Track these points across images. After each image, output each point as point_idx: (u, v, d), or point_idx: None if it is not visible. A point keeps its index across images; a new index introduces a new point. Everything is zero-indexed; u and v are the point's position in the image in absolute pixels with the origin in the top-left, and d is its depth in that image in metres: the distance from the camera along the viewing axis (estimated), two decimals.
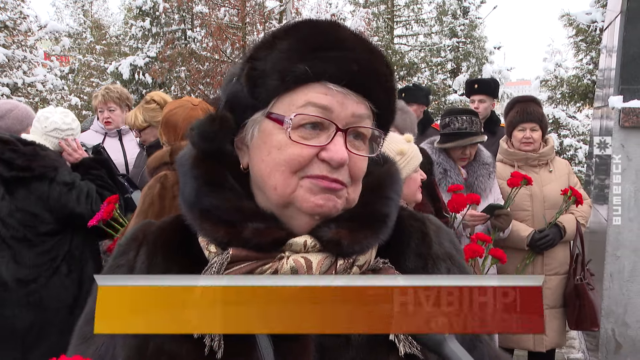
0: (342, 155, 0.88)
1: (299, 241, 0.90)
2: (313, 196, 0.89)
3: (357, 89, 0.90)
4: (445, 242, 1.07)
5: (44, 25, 14.23)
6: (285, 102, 0.90)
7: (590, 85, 11.36)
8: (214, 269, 0.88)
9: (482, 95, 5.13)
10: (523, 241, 3.65)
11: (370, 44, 0.96)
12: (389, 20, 20.20)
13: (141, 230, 1.02)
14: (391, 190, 0.99)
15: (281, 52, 0.90)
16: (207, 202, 0.92)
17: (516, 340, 3.79)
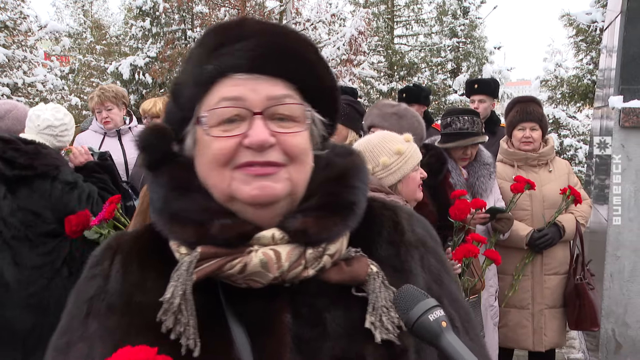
0: (260, 137, 0.88)
1: (266, 234, 0.90)
2: (247, 186, 0.89)
3: (267, 71, 0.90)
4: (418, 229, 1.07)
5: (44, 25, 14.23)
6: (204, 105, 0.92)
7: (590, 85, 11.35)
8: (184, 267, 0.89)
9: (482, 95, 5.13)
10: (522, 240, 3.65)
11: (278, 27, 0.96)
12: (389, 20, 20.20)
13: (115, 240, 1.03)
14: (356, 179, 1.00)
15: (193, 60, 0.95)
16: (175, 206, 0.93)
17: (516, 340, 3.79)
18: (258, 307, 0.91)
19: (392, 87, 18.10)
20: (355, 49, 15.40)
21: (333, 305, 0.93)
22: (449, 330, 0.87)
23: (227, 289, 0.92)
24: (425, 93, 5.55)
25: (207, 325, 0.89)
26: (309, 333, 0.91)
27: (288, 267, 0.89)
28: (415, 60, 19.59)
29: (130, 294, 0.94)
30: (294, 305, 0.92)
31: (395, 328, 0.91)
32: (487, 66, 16.72)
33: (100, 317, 0.94)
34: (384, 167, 2.35)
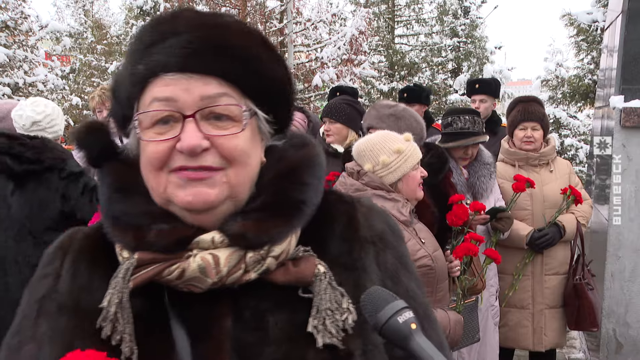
0: (189, 142, 0.85)
1: (206, 238, 0.88)
2: (182, 191, 0.87)
3: (202, 69, 0.86)
4: (378, 223, 1.02)
5: (45, 25, 14.25)
6: (140, 106, 0.89)
7: (591, 85, 11.35)
8: (120, 275, 0.87)
9: (483, 95, 5.13)
10: (522, 240, 3.65)
11: (215, 20, 0.90)
12: (390, 20, 20.19)
13: (68, 238, 1.00)
14: (308, 174, 0.95)
15: (127, 58, 0.91)
16: (117, 208, 0.92)
17: (516, 340, 3.79)
18: (200, 311, 0.89)
19: (392, 86, 18.09)
20: (356, 49, 15.40)
21: (277, 308, 0.90)
22: (418, 332, 0.85)
23: (173, 292, 0.90)
24: (426, 93, 5.55)
25: (149, 330, 0.88)
26: (249, 337, 0.89)
27: (227, 272, 0.87)
28: (416, 60, 19.57)
29: (78, 295, 0.93)
30: (236, 308, 0.90)
31: (339, 332, 0.88)
32: (488, 66, 16.71)
33: (50, 317, 0.92)
34: (384, 166, 2.37)
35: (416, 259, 2.28)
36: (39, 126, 3.13)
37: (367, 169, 2.38)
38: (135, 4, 17.17)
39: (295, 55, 15.79)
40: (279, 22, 16.00)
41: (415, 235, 2.36)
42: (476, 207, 3.03)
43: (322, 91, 14.96)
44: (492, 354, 3.49)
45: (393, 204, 2.32)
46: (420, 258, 2.31)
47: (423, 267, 2.30)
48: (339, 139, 3.91)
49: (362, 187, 2.36)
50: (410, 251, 2.20)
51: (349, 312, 0.90)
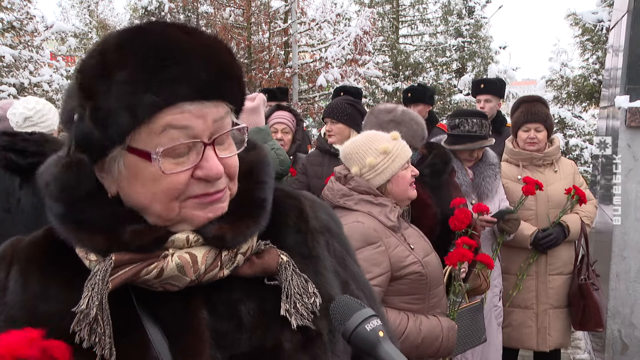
0: (217, 170, 0.88)
1: (181, 237, 0.90)
2: (202, 212, 0.90)
3: (212, 96, 0.87)
4: (322, 214, 1.10)
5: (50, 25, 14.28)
6: (142, 133, 0.85)
7: (596, 85, 11.31)
8: (99, 277, 0.86)
9: (488, 95, 5.12)
10: (526, 240, 3.64)
11: (206, 38, 0.90)
12: (394, 20, 20.17)
13: (10, 248, 0.97)
14: (264, 174, 1.01)
15: (123, 84, 0.83)
16: (79, 213, 0.89)
17: (520, 340, 3.78)
18: (174, 307, 0.91)
19: (397, 86, 18.06)
20: (360, 49, 15.37)
21: (247, 298, 0.95)
22: (386, 340, 0.87)
23: (140, 291, 0.90)
24: (430, 93, 5.54)
25: (122, 331, 0.88)
26: (225, 327, 0.92)
27: (204, 269, 0.90)
28: (420, 60, 19.54)
29: (33, 305, 0.91)
30: (209, 302, 0.93)
31: (309, 313, 0.95)
32: (493, 66, 16.67)
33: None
34: (371, 168, 2.29)
35: (405, 265, 2.22)
36: (31, 121, 3.22)
37: (354, 172, 2.32)
38: (140, 4, 17.22)
39: (300, 55, 15.78)
40: (283, 22, 16.00)
41: (404, 241, 2.28)
42: (480, 209, 3.01)
43: (327, 91, 14.95)
44: (495, 354, 3.48)
45: (380, 209, 2.25)
46: (410, 264, 2.23)
47: (413, 274, 2.23)
48: (341, 139, 3.90)
49: (349, 192, 2.29)
50: (399, 257, 2.21)
51: (316, 296, 0.97)
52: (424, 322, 2.24)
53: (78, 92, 0.87)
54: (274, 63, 15.15)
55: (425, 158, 2.98)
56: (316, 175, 3.93)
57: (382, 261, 2.18)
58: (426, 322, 2.24)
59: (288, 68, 15.00)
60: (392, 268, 2.20)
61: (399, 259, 2.21)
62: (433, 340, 2.23)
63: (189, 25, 0.92)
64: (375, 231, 2.20)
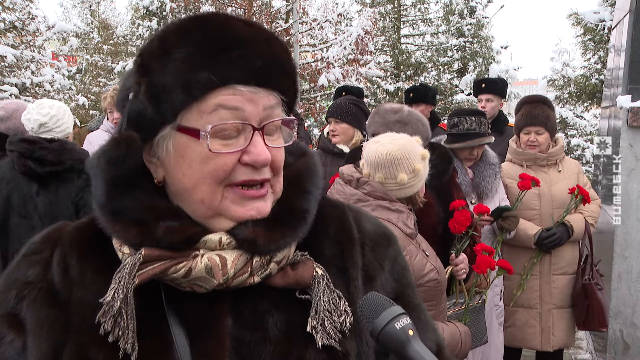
0: (265, 156, 0.87)
1: (213, 238, 0.88)
2: (242, 207, 0.88)
3: (264, 84, 0.88)
4: (367, 225, 1.06)
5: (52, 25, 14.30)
6: (193, 111, 0.86)
7: (598, 85, 11.31)
8: (126, 270, 0.86)
9: (490, 94, 5.12)
10: (530, 240, 3.64)
11: (266, 32, 0.92)
12: (396, 20, 20.16)
13: (56, 231, 0.98)
14: (310, 184, 0.97)
15: (179, 62, 0.85)
16: (118, 203, 0.89)
17: (523, 340, 3.78)
18: (200, 310, 0.90)
19: (398, 86, 18.07)
20: (362, 49, 15.39)
21: (275, 309, 0.92)
22: (415, 339, 0.85)
23: (169, 290, 0.89)
24: (432, 93, 5.54)
25: (147, 328, 0.87)
26: (249, 337, 0.89)
27: (233, 274, 0.87)
28: (421, 59, 19.55)
29: (70, 288, 0.91)
30: (236, 308, 0.91)
31: (337, 333, 0.90)
32: (494, 66, 16.67)
33: (36, 308, 0.91)
34: (416, 174, 2.25)
35: (424, 273, 2.19)
36: (46, 127, 3.22)
37: (377, 178, 2.25)
38: (142, 4, 17.24)
39: (301, 55, 15.79)
40: (284, 22, 16.02)
41: (419, 248, 2.26)
42: (480, 210, 3.01)
43: (328, 91, 14.96)
44: (496, 353, 3.48)
45: (397, 215, 2.21)
46: (428, 272, 2.20)
47: (431, 281, 2.20)
48: (345, 139, 3.91)
49: (364, 197, 2.23)
50: (419, 267, 2.19)
51: (347, 315, 0.92)
52: (446, 329, 2.22)
53: (135, 71, 0.90)
54: None
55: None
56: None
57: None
58: (447, 330, 2.23)
59: None
60: (415, 277, 2.17)
61: (419, 268, 2.18)
62: (454, 347, 2.22)
63: (250, 19, 0.95)
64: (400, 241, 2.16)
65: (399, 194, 2.26)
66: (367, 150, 2.33)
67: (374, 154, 2.27)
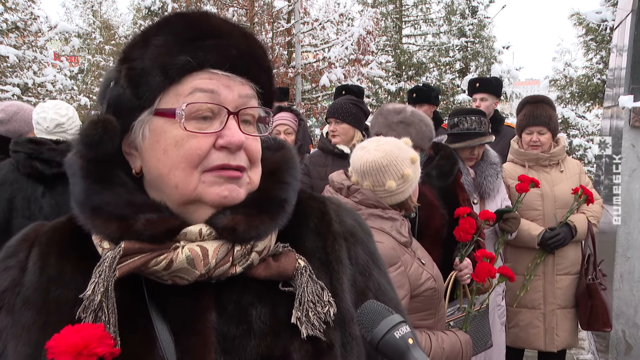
0: (239, 138, 0.88)
1: (193, 229, 0.88)
2: (218, 187, 0.89)
3: (240, 72, 0.91)
4: (348, 219, 1.06)
5: (54, 25, 14.33)
6: (171, 95, 0.89)
7: (599, 85, 11.29)
8: (106, 264, 0.85)
9: (484, 93, 5.11)
10: (534, 240, 3.63)
11: (243, 29, 0.96)
12: (398, 20, 20.16)
13: (33, 231, 0.98)
14: (288, 175, 0.99)
15: (158, 47, 0.89)
16: (97, 199, 0.89)
17: (527, 340, 3.77)
18: (183, 304, 0.89)
19: (400, 86, 18.06)
20: (364, 49, 15.38)
21: (259, 302, 0.92)
22: (415, 348, 0.84)
23: (151, 285, 0.89)
24: (435, 93, 5.54)
25: (129, 323, 0.87)
26: (234, 331, 0.89)
27: (215, 264, 0.87)
28: (423, 60, 19.54)
29: (47, 288, 0.90)
30: (220, 302, 0.90)
31: (321, 323, 0.91)
32: (496, 66, 16.65)
33: (14, 312, 0.90)
34: (388, 191, 2.17)
35: (421, 282, 2.13)
36: (62, 128, 3.24)
37: (365, 186, 2.17)
38: (143, 5, 17.24)
39: (303, 55, 15.79)
40: (286, 22, 16.01)
41: (414, 257, 2.18)
42: (486, 216, 2.99)
43: (330, 91, 14.95)
44: (498, 353, 3.47)
45: (391, 223, 2.14)
46: (425, 281, 2.14)
47: (428, 290, 2.14)
48: (346, 140, 3.90)
49: (356, 206, 2.14)
50: (416, 276, 2.15)
51: (330, 305, 0.93)
52: (445, 339, 2.18)
53: (117, 62, 0.94)
54: (277, 63, 15.16)
55: (432, 159, 2.96)
56: (319, 176, 3.91)
57: (404, 283, 2.07)
58: (447, 340, 2.19)
59: (291, 68, 15.01)
60: (411, 287, 2.11)
61: (416, 278, 2.13)
62: (455, 356, 2.18)
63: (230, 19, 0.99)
64: (394, 250, 2.09)
65: (389, 200, 2.18)
66: (353, 157, 2.25)
67: (360, 162, 2.19)
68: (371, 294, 1.01)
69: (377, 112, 2.95)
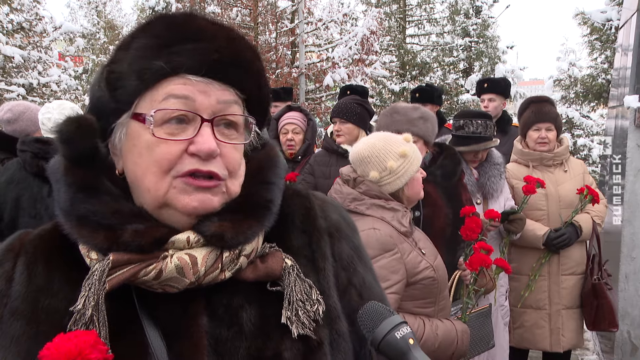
0: (209, 145, 0.86)
1: (181, 238, 0.87)
2: (187, 197, 0.87)
3: (220, 77, 0.88)
4: (333, 215, 1.06)
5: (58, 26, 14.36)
6: (147, 100, 0.88)
7: (604, 85, 11.26)
8: (96, 277, 0.84)
9: (492, 94, 5.10)
10: (539, 240, 3.62)
11: (230, 31, 0.93)
12: (401, 20, 20.15)
13: (18, 240, 0.96)
14: (272, 174, 0.98)
15: (137, 51, 0.88)
16: (83, 208, 0.87)
17: (532, 341, 3.75)
18: (174, 310, 0.89)
19: (404, 86, 18.05)
20: (367, 49, 15.38)
21: (248, 304, 0.92)
22: (416, 348, 0.85)
23: (141, 292, 0.89)
24: (438, 93, 5.53)
25: (121, 332, 0.86)
26: (225, 333, 0.89)
27: (205, 271, 0.87)
28: (427, 59, 19.52)
29: (36, 297, 0.89)
30: (210, 306, 0.90)
31: (311, 322, 0.91)
32: (500, 66, 16.61)
33: (1, 323, 0.89)
34: (392, 172, 2.25)
35: (419, 271, 2.19)
36: None
37: (372, 177, 2.25)
38: (147, 5, 17.29)
39: (307, 55, 15.80)
40: (290, 22, 16.03)
41: (415, 246, 2.25)
42: (491, 215, 2.99)
43: (333, 91, 14.96)
44: (502, 353, 3.47)
45: (392, 214, 2.21)
46: (423, 270, 2.20)
47: (426, 279, 2.20)
48: (350, 139, 3.91)
49: (360, 197, 2.24)
50: (413, 264, 2.20)
51: (319, 303, 0.93)
52: (440, 326, 2.22)
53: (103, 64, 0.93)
54: (281, 63, 15.18)
55: (436, 159, 2.97)
56: (323, 175, 3.92)
57: (399, 268, 2.15)
58: (442, 327, 2.22)
59: (295, 68, 15.02)
60: (407, 274, 2.18)
61: (413, 265, 2.19)
62: (449, 344, 2.22)
63: (219, 20, 0.96)
64: (391, 238, 2.17)
65: (398, 183, 2.26)
66: (352, 154, 2.38)
67: (358, 153, 2.33)
68: (354, 290, 1.02)
69: (391, 111, 2.96)
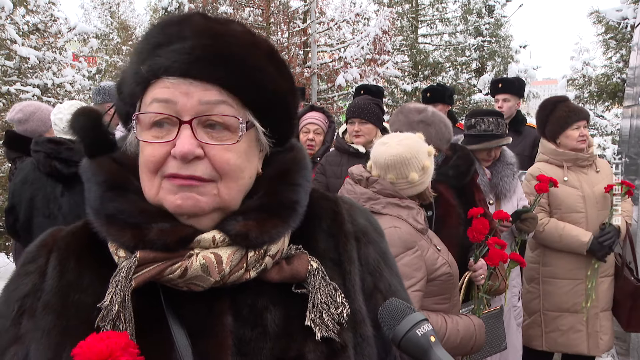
0: (182, 148, 0.85)
1: (207, 237, 0.88)
2: (172, 196, 0.87)
3: (202, 77, 0.86)
4: (360, 219, 1.06)
5: (73, 27, 14.49)
6: (142, 103, 0.90)
7: (619, 84, 11.13)
8: (122, 274, 0.86)
9: (507, 94, 5.07)
10: (583, 246, 3.53)
11: (221, 28, 0.90)
12: (414, 20, 20.08)
13: (51, 236, 0.99)
14: (299, 176, 0.97)
15: (134, 55, 0.91)
16: (111, 207, 0.90)
17: (567, 345, 3.68)
18: (199, 309, 0.90)
19: (416, 86, 17.99)
20: (380, 49, 15.35)
21: (273, 305, 0.92)
22: (437, 345, 0.84)
23: (168, 291, 0.90)
24: (449, 92, 5.51)
25: (147, 329, 0.88)
26: (249, 334, 0.90)
27: (229, 270, 0.88)
28: (439, 59, 19.44)
29: (66, 292, 0.91)
30: (235, 306, 0.91)
31: (335, 325, 0.91)
32: (513, 65, 16.50)
33: (34, 316, 0.91)
34: (410, 182, 2.30)
35: (437, 267, 2.23)
36: None
37: (388, 179, 2.29)
38: (160, 5, 17.39)
39: (319, 55, 15.80)
40: (302, 22, 16.04)
41: (430, 243, 2.30)
42: (500, 216, 2.98)
43: (345, 91, 14.95)
44: (515, 354, 3.45)
45: (408, 211, 2.25)
46: (440, 266, 2.25)
47: (444, 275, 2.25)
48: (369, 139, 3.90)
49: (374, 196, 2.27)
50: (431, 260, 2.23)
51: (343, 306, 0.93)
52: (460, 322, 2.26)
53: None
54: (293, 63, 15.20)
55: (449, 159, 2.97)
56: (335, 175, 3.92)
57: (420, 265, 2.18)
58: (461, 322, 2.27)
59: (307, 68, 15.03)
60: (427, 271, 2.21)
61: (431, 262, 2.23)
62: (469, 339, 2.26)
63: (229, 18, 0.95)
64: (411, 235, 2.20)
65: (410, 192, 2.31)
66: (375, 152, 2.35)
67: (383, 156, 2.30)
68: (380, 295, 1.01)
69: (398, 111, 2.99)
